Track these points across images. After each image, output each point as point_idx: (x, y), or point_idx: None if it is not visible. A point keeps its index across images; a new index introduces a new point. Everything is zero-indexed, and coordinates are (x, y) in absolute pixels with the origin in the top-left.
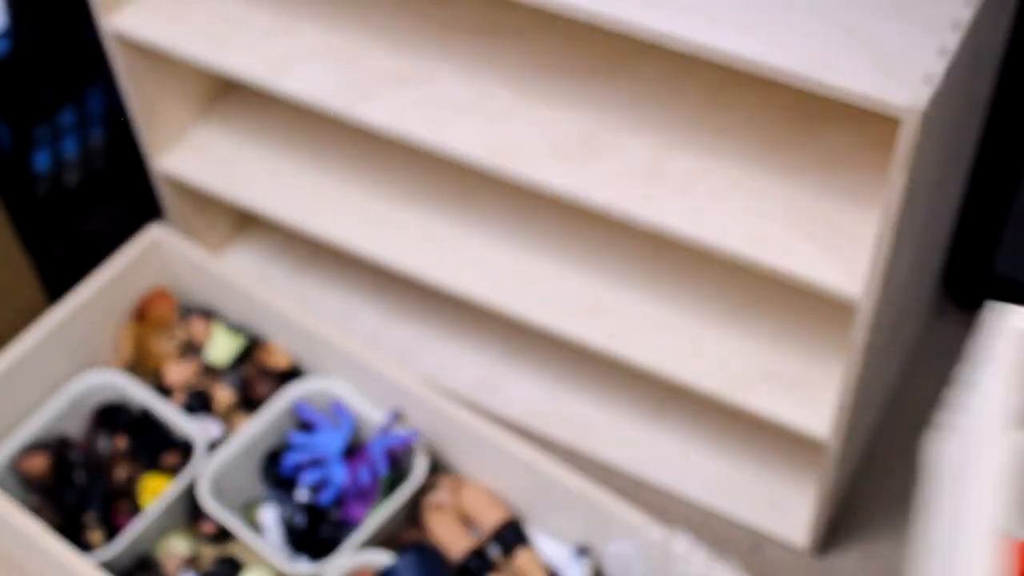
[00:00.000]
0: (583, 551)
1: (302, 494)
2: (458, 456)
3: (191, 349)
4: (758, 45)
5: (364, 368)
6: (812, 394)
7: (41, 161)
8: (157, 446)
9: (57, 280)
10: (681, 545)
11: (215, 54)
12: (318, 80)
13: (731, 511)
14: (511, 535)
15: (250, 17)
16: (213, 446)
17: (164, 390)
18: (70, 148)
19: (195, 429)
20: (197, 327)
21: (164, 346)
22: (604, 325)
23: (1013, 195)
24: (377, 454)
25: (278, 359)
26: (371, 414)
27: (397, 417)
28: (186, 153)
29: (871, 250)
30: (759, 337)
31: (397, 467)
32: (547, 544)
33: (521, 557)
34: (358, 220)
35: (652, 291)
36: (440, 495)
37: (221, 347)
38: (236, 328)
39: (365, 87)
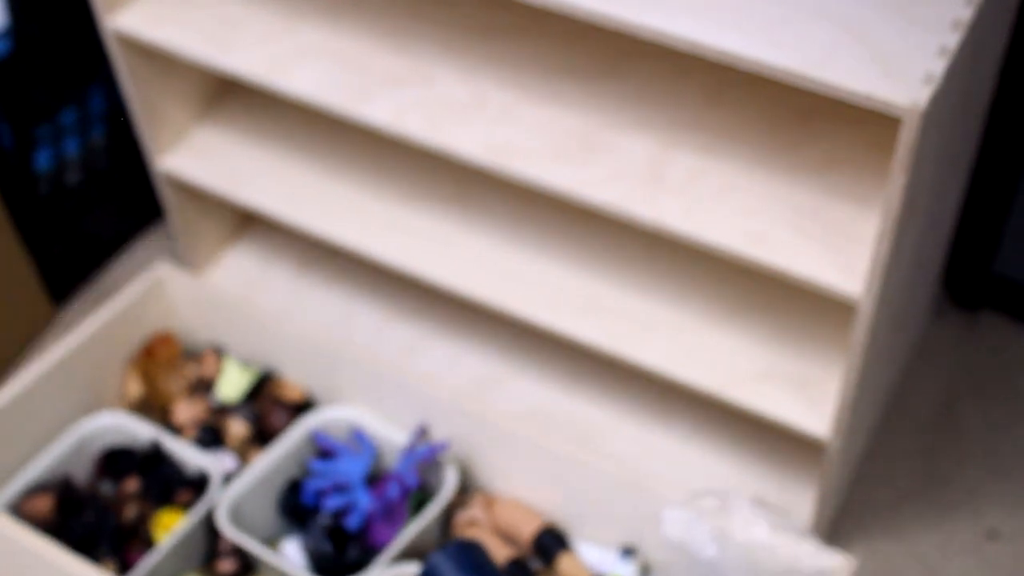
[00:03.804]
0: (629, 551)
1: (324, 518)
2: (489, 469)
3: (201, 386)
4: (758, 45)
5: (384, 391)
6: (812, 394)
7: (42, 161)
8: (169, 484)
9: (57, 280)
10: (741, 508)
11: (216, 54)
12: (318, 80)
13: None
14: (550, 541)
15: (250, 17)
16: (228, 480)
17: (173, 429)
18: (71, 148)
19: (209, 461)
20: (208, 362)
21: (172, 385)
22: (604, 325)
23: (1013, 195)
24: (405, 468)
25: (291, 392)
26: (393, 438)
27: (423, 433)
28: (187, 153)
29: (871, 250)
30: (759, 337)
31: (424, 488)
32: (590, 551)
33: (563, 562)
34: (358, 220)
35: (652, 291)
36: (473, 511)
37: (232, 382)
38: (247, 362)
39: (365, 87)
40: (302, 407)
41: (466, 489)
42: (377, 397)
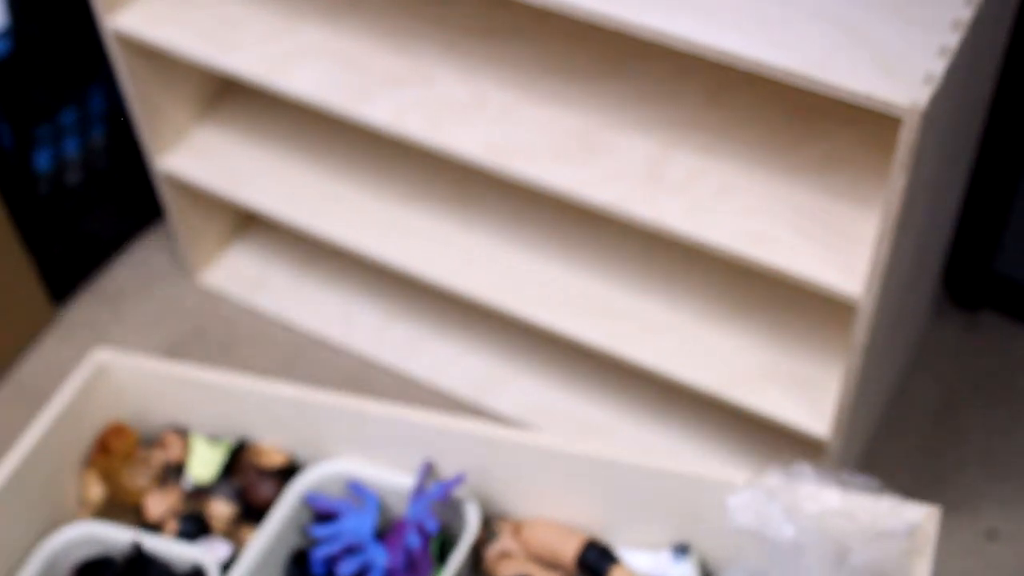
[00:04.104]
0: (682, 549)
1: None
2: (509, 492)
3: (170, 473)
4: (758, 45)
5: (373, 433)
6: (812, 394)
7: (42, 161)
8: None
9: (57, 280)
10: (806, 476)
11: (215, 54)
12: (318, 80)
13: None
14: (596, 557)
15: (250, 17)
16: (226, 568)
17: (149, 527)
18: (71, 148)
19: (199, 553)
20: (171, 445)
21: (138, 478)
22: (604, 324)
23: (1013, 195)
24: (420, 513)
25: (272, 457)
26: (394, 482)
27: (429, 470)
28: (187, 153)
29: (871, 250)
30: (759, 337)
31: (443, 531)
32: (639, 557)
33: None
34: (358, 220)
35: (652, 291)
36: (503, 542)
37: (204, 461)
38: (215, 436)
39: (365, 87)
40: (288, 471)
41: (488, 520)
42: (367, 442)
